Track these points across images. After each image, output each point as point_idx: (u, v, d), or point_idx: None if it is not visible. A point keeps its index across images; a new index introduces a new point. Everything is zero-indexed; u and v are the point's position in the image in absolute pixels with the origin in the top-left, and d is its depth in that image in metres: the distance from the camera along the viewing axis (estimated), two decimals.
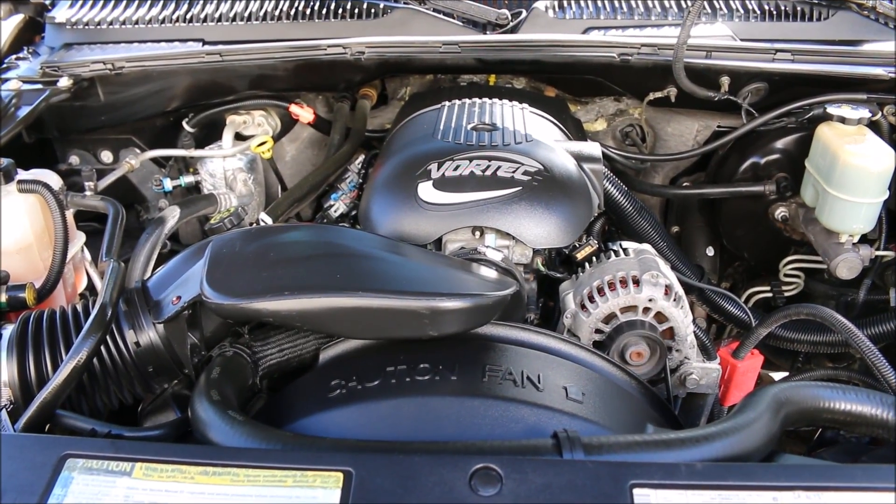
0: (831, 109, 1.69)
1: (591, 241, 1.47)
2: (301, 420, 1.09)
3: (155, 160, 2.04)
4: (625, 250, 1.44)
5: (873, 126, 1.83)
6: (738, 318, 1.69)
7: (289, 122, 2.07)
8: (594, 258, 1.45)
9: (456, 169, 1.43)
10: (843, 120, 1.66)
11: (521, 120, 1.61)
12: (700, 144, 1.97)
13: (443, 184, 1.42)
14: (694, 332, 1.50)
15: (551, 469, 0.87)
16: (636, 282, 1.34)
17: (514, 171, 1.42)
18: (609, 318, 1.35)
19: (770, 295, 1.93)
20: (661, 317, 1.35)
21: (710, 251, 2.00)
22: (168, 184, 1.94)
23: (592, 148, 1.54)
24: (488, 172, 1.42)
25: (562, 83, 2.03)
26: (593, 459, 0.94)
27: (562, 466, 0.89)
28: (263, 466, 0.89)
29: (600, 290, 1.35)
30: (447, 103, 1.70)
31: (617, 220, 1.60)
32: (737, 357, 1.57)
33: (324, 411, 1.10)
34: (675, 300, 1.35)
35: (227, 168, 1.94)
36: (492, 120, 1.59)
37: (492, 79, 2.03)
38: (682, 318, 1.35)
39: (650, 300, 1.33)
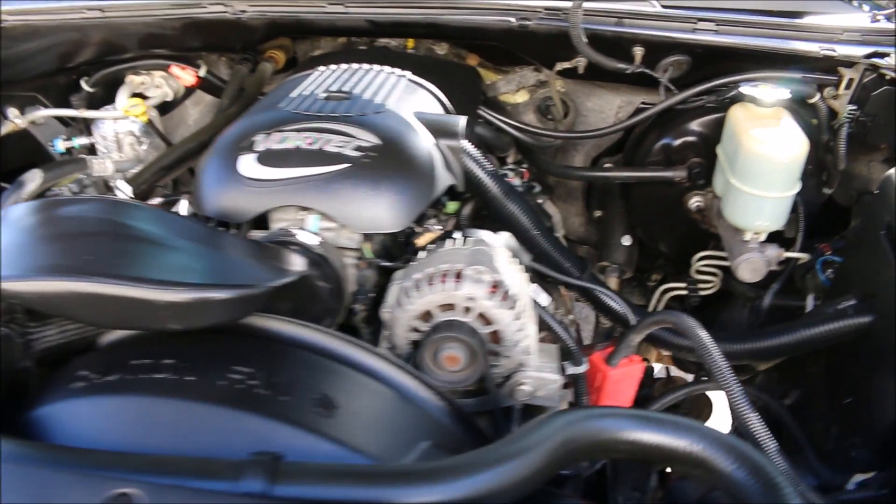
0: (744, 89, 1.46)
1: (433, 226, 1.30)
2: (36, 410, 0.98)
3: (61, 119, 1.94)
4: (466, 239, 1.27)
5: (811, 110, 1.59)
6: (623, 318, 1.49)
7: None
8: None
9: (282, 142, 1.27)
10: (755, 101, 1.43)
11: (388, 89, 1.44)
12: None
13: (266, 157, 1.27)
14: (559, 333, 1.33)
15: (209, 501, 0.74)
16: (459, 277, 1.17)
17: (343, 146, 1.26)
18: (427, 315, 1.19)
19: (685, 293, 1.71)
20: (488, 318, 1.18)
21: (627, 240, 1.78)
22: (60, 145, 1.84)
23: (453, 122, 1.36)
24: (315, 147, 1.26)
25: (484, 51, 1.83)
26: (278, 492, 0.79)
27: (224, 499, 0.75)
28: None
29: (419, 284, 1.18)
30: (321, 69, 1.54)
31: (483, 204, 1.42)
32: (610, 363, 1.38)
33: (56, 403, 0.98)
34: (503, 300, 1.17)
35: (119, 130, 1.82)
36: (353, 88, 1.42)
37: (409, 44, 1.85)
38: (510, 321, 1.17)
39: (470, 299, 1.16)
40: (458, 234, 1.30)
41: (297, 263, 1.20)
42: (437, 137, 1.35)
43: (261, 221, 1.28)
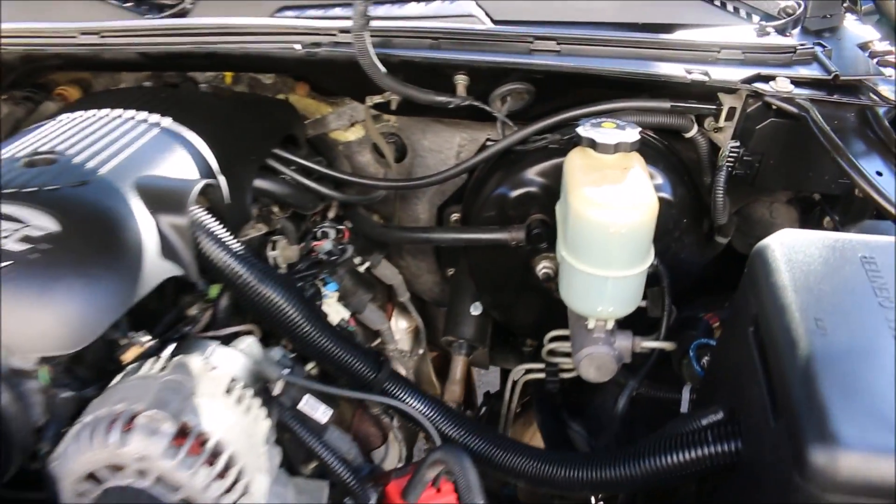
0: (583, 129, 1.07)
1: (139, 337, 0.93)
2: None
3: None
4: (174, 354, 0.90)
5: (689, 145, 1.21)
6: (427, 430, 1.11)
7: None
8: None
9: None
10: (593, 145, 1.04)
11: (121, 145, 1.07)
12: None
13: None
14: (331, 468, 0.97)
15: None
16: (131, 425, 0.80)
17: (7, 237, 0.89)
18: (94, 477, 0.82)
19: (542, 376, 1.33)
20: (173, 482, 0.81)
21: (476, 308, 1.40)
22: None
23: (180, 191, 0.99)
24: None
25: (313, 80, 1.45)
26: None
27: None
28: None
29: (80, 435, 0.81)
30: (63, 117, 1.17)
31: (236, 295, 1.04)
32: (407, 499, 1.01)
33: None
34: (195, 454, 0.80)
35: None
36: (76, 144, 1.05)
37: (227, 77, 1.46)
38: (206, 484, 0.80)
39: (141, 458, 0.78)
40: (167, 350, 0.93)
41: None
42: (157, 212, 0.98)
43: None
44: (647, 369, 1.15)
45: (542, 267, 1.23)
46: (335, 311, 1.24)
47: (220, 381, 0.90)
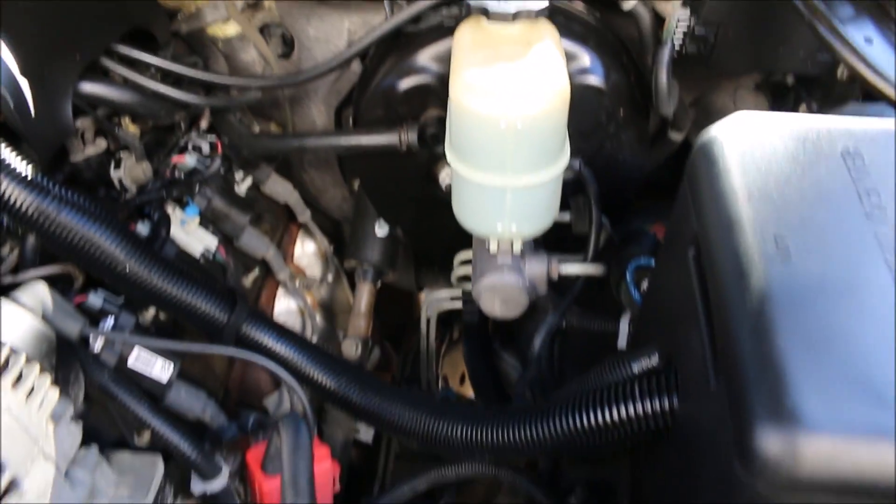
0: None
1: None
2: None
3: None
4: None
5: (630, 19, 0.91)
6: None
7: None
8: None
9: None
10: (486, 13, 0.73)
11: None
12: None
13: None
14: (164, 435, 0.72)
15: None
16: None
17: None
18: None
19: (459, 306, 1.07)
20: None
21: (382, 230, 1.12)
22: None
23: None
24: None
25: None
26: None
27: None
28: None
29: None
30: None
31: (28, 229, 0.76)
32: (266, 470, 0.77)
33: None
34: None
35: None
36: None
37: None
38: None
39: None
40: None
41: None
42: None
43: None
44: (567, 302, 0.88)
45: (447, 175, 0.93)
46: (197, 240, 0.97)
47: None
